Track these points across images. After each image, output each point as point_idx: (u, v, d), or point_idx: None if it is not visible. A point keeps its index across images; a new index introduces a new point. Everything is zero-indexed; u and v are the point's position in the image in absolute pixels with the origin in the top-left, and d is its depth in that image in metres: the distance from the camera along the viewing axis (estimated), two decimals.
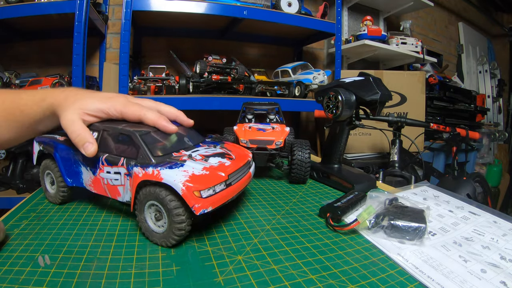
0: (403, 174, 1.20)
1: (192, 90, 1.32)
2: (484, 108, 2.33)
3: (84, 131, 0.41)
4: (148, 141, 0.40)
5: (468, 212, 0.48)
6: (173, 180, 0.34)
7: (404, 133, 1.26)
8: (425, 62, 2.06)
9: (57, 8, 1.00)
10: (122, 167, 0.40)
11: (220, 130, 0.76)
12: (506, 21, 3.45)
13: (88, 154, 0.40)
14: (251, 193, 0.56)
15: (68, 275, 0.30)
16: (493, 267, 0.34)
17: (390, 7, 2.08)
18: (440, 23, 2.78)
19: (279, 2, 1.28)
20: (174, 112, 0.48)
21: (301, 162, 0.59)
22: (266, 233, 0.41)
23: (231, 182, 0.40)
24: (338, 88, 0.57)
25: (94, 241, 0.37)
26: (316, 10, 1.51)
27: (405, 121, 1.23)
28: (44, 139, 0.49)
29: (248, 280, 0.31)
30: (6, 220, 0.42)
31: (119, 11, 1.46)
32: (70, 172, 0.45)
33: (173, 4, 1.12)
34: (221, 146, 0.49)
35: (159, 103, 0.49)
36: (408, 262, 0.34)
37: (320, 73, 1.32)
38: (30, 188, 1.12)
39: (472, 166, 2.09)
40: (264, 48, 1.84)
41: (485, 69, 3.05)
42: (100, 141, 0.42)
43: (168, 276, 0.31)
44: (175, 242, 0.36)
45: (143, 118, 0.44)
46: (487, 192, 1.69)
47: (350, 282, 0.31)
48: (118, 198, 0.41)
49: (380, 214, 0.41)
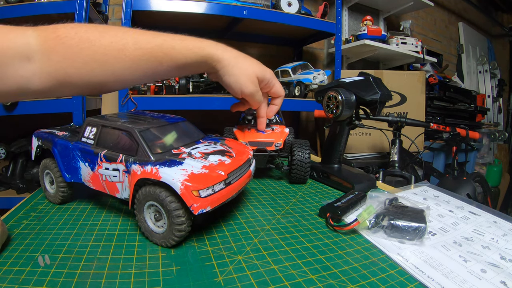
0: (403, 174, 1.20)
1: (192, 90, 1.32)
2: (484, 108, 2.33)
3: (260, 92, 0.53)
4: (147, 138, 0.40)
5: (468, 212, 0.48)
6: (172, 179, 0.34)
7: (404, 133, 1.26)
8: (425, 62, 2.06)
9: (57, 8, 1.00)
10: (121, 164, 0.39)
11: (220, 130, 0.76)
12: (506, 21, 3.45)
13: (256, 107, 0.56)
14: (251, 193, 0.56)
15: (68, 275, 0.30)
16: (493, 267, 0.34)
17: (390, 7, 2.08)
18: (440, 23, 2.78)
19: (279, 2, 1.28)
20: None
21: (301, 162, 0.59)
22: (266, 233, 0.41)
23: (230, 181, 0.40)
24: (338, 88, 0.57)
25: (94, 241, 0.37)
26: (316, 10, 1.51)
27: (405, 121, 1.23)
28: (43, 134, 0.49)
29: (248, 280, 0.31)
30: (6, 220, 0.42)
31: (119, 11, 1.46)
32: (69, 168, 0.45)
33: (173, 4, 1.12)
34: (222, 143, 0.48)
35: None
36: (408, 262, 0.34)
37: (320, 73, 1.32)
38: (30, 188, 1.12)
39: (472, 166, 2.10)
40: (264, 48, 1.84)
41: (485, 69, 3.05)
42: (98, 137, 0.42)
43: (168, 276, 0.31)
44: (175, 242, 0.36)
45: (278, 100, 0.57)
46: (487, 192, 1.69)
47: (350, 282, 0.31)
48: (116, 195, 0.41)
49: (380, 214, 0.41)
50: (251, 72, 0.50)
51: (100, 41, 0.39)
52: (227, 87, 0.51)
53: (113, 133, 0.42)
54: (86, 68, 0.39)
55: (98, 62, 0.40)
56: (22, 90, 0.38)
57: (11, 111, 0.93)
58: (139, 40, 0.42)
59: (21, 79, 0.36)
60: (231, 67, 0.49)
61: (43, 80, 0.38)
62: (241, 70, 0.49)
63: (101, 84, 0.42)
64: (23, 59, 0.36)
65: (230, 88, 0.51)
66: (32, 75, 0.37)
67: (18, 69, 0.36)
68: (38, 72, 0.37)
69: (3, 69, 0.35)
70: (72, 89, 0.42)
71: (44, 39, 0.37)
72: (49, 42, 0.37)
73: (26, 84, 0.37)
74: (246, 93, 0.51)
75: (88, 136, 0.43)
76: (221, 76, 0.50)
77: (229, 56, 0.48)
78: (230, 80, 0.49)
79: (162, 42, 0.43)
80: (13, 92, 0.37)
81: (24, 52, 0.36)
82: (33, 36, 0.37)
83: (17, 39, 0.36)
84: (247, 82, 0.50)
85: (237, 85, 0.50)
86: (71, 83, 0.40)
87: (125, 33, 0.42)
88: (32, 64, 0.37)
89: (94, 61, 0.39)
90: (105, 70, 0.41)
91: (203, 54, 0.46)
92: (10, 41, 0.35)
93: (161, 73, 0.46)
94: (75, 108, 0.95)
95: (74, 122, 0.94)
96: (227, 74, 0.49)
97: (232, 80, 0.49)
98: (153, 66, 0.43)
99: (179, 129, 0.47)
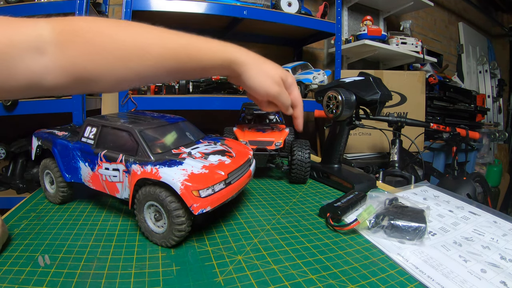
0: (403, 174, 1.20)
1: (192, 90, 1.32)
2: (484, 108, 2.32)
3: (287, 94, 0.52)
4: (147, 138, 0.40)
5: (468, 212, 0.48)
6: (172, 179, 0.34)
7: (404, 133, 1.26)
8: (425, 62, 2.06)
9: (57, 8, 1.00)
10: (121, 164, 0.39)
11: (220, 130, 0.76)
12: (506, 21, 3.45)
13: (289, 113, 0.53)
14: (251, 193, 0.56)
15: (68, 275, 0.30)
16: (493, 267, 0.34)
17: (390, 7, 2.08)
18: (440, 23, 2.78)
19: (279, 2, 1.28)
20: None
21: (301, 162, 0.59)
22: (266, 233, 0.41)
23: (230, 181, 0.40)
24: (338, 88, 0.57)
25: (94, 241, 0.37)
26: (316, 10, 1.51)
27: (405, 121, 1.23)
28: (43, 134, 0.49)
29: (248, 280, 0.31)
30: (6, 220, 0.42)
31: (119, 11, 1.46)
32: (69, 168, 0.45)
33: (173, 4, 1.12)
34: (222, 143, 0.48)
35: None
36: (408, 262, 0.34)
37: (320, 73, 1.32)
38: (30, 188, 1.12)
39: (472, 166, 2.09)
40: (264, 48, 1.84)
41: (485, 69, 3.05)
42: (98, 137, 0.42)
43: (168, 276, 0.31)
44: (175, 242, 0.36)
45: (298, 109, 0.55)
46: (487, 192, 1.69)
47: (350, 282, 0.31)
48: (116, 195, 0.41)
49: (380, 214, 0.41)
50: (274, 74, 0.50)
51: (122, 37, 0.38)
52: (251, 90, 0.51)
53: (113, 133, 0.42)
54: (106, 65, 0.37)
55: (120, 59, 0.38)
56: (34, 86, 0.36)
57: (11, 111, 0.93)
58: (164, 39, 0.41)
59: (32, 74, 0.34)
60: (255, 70, 0.49)
61: (57, 75, 0.36)
62: (265, 72, 0.50)
63: (120, 82, 0.40)
64: (35, 52, 0.33)
65: (254, 90, 0.50)
66: (44, 70, 0.35)
67: (29, 63, 0.33)
68: (52, 67, 0.35)
69: (12, 63, 0.32)
70: (89, 86, 0.39)
71: (59, 32, 0.35)
72: (65, 36, 0.35)
73: (39, 80, 0.35)
74: (272, 94, 0.51)
75: (88, 136, 0.43)
76: (245, 80, 0.49)
77: (252, 60, 0.49)
78: (255, 83, 0.49)
79: (187, 43, 0.43)
80: (24, 87, 0.35)
81: (36, 45, 0.33)
82: (47, 28, 0.34)
83: (28, 31, 0.33)
84: (272, 83, 0.50)
85: (262, 87, 0.49)
86: (89, 80, 0.38)
87: (149, 31, 0.40)
88: (44, 58, 0.34)
89: (115, 58, 0.37)
90: (126, 68, 0.39)
91: (228, 57, 0.46)
92: (20, 33, 0.33)
93: (183, 73, 0.45)
94: (75, 108, 0.95)
95: (74, 122, 0.94)
96: (251, 77, 0.49)
97: (257, 82, 0.49)
98: (177, 66, 0.42)
99: (179, 129, 0.47)
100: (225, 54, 0.46)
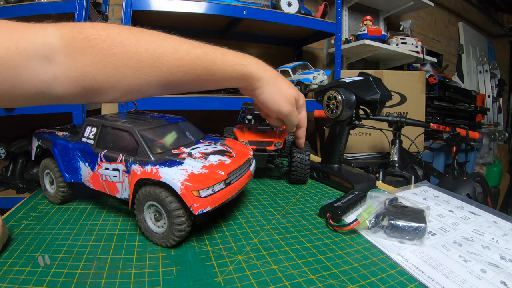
0: (403, 174, 1.20)
1: None
2: (484, 108, 2.33)
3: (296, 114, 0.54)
4: (147, 138, 0.40)
5: (468, 212, 0.48)
6: (172, 179, 0.34)
7: (404, 133, 1.26)
8: (425, 62, 2.06)
9: (57, 8, 0.99)
10: (121, 164, 0.39)
11: (220, 130, 0.76)
12: (506, 21, 3.45)
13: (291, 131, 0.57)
14: (251, 193, 0.56)
15: (68, 275, 0.30)
16: (493, 267, 0.34)
17: (390, 7, 2.08)
18: (440, 23, 2.78)
19: (279, 2, 1.28)
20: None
21: (301, 162, 0.59)
22: (266, 233, 0.41)
23: (230, 181, 0.40)
24: (338, 88, 0.57)
25: (94, 241, 0.37)
26: (316, 10, 1.51)
27: (405, 121, 1.23)
28: (43, 134, 0.49)
29: (248, 280, 0.31)
30: (6, 220, 0.42)
31: (119, 11, 1.46)
32: (69, 168, 0.45)
33: (173, 4, 1.12)
34: (222, 143, 0.48)
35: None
36: (408, 262, 0.34)
37: (320, 73, 1.32)
38: (30, 188, 1.12)
39: (472, 166, 2.09)
40: (264, 48, 1.84)
41: (485, 69, 3.05)
42: (98, 137, 0.42)
43: (168, 276, 0.31)
44: (175, 242, 0.36)
45: (302, 130, 0.58)
46: (487, 192, 1.69)
47: (350, 282, 0.31)
48: (116, 195, 0.41)
49: (380, 214, 0.41)
50: (289, 94, 0.51)
51: (135, 47, 0.36)
52: (263, 105, 0.51)
53: (113, 133, 0.41)
54: (118, 75, 0.36)
55: (132, 69, 0.36)
56: (42, 95, 0.34)
57: (11, 111, 0.93)
58: (178, 50, 0.39)
59: (40, 83, 0.33)
60: (271, 87, 0.48)
61: (66, 85, 0.35)
62: (280, 90, 0.49)
63: (129, 92, 0.39)
64: (43, 60, 0.32)
65: (267, 107, 0.50)
66: (53, 79, 0.34)
67: (37, 72, 0.32)
68: (61, 76, 0.34)
69: (19, 71, 0.31)
70: (98, 96, 0.38)
71: (69, 40, 0.33)
72: (76, 44, 0.34)
73: (47, 89, 0.34)
74: (283, 113, 0.51)
75: (88, 136, 0.43)
76: (259, 95, 0.49)
77: (269, 76, 0.48)
78: (269, 100, 0.49)
79: (203, 54, 0.41)
80: (31, 96, 0.34)
81: (44, 53, 0.32)
82: (55, 35, 0.33)
83: (36, 38, 0.32)
84: (285, 102, 0.50)
85: (275, 105, 0.50)
86: (98, 90, 0.37)
87: (163, 40, 0.39)
88: (53, 66, 0.33)
89: (127, 68, 0.36)
90: (138, 79, 0.37)
91: (244, 72, 0.45)
92: (27, 40, 0.31)
93: (196, 85, 0.43)
94: (75, 108, 0.95)
95: (74, 122, 0.94)
96: (265, 93, 0.49)
97: (271, 100, 0.49)
98: (191, 78, 0.41)
99: (179, 129, 0.47)
100: (242, 68, 0.45)
